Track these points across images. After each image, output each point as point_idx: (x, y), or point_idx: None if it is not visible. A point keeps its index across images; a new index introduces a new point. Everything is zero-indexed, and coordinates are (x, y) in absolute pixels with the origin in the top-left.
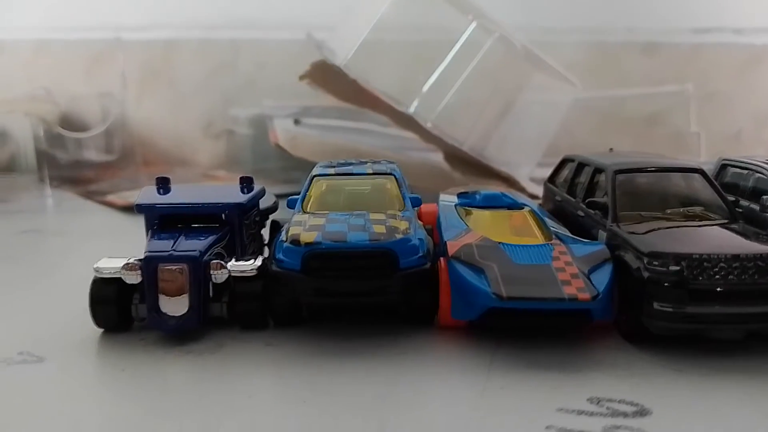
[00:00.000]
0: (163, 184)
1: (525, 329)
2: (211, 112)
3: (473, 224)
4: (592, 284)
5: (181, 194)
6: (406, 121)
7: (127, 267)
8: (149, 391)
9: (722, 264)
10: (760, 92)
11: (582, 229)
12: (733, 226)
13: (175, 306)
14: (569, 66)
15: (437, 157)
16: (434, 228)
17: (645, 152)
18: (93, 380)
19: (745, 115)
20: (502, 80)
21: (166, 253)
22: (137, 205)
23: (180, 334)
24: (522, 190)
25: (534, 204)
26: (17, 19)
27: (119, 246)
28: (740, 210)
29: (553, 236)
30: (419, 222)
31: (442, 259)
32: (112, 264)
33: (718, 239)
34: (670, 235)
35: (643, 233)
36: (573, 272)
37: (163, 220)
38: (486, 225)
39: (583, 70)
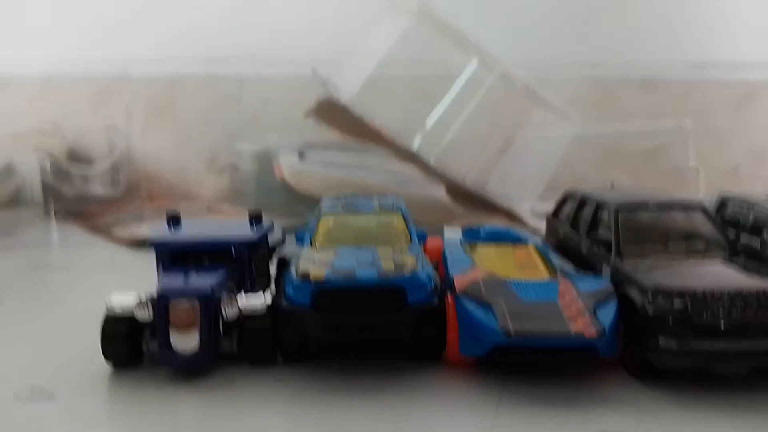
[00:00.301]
0: (174, 220)
1: (532, 365)
2: (216, 147)
3: (478, 259)
4: (598, 321)
5: (192, 229)
6: (410, 157)
7: (140, 305)
8: (160, 427)
9: (725, 300)
10: (756, 128)
11: (586, 264)
12: (735, 261)
13: (186, 342)
14: (569, 100)
15: (440, 192)
16: (439, 262)
17: (645, 187)
18: (103, 416)
19: (743, 150)
20: (503, 117)
21: (179, 289)
22: (150, 241)
23: (190, 370)
24: (524, 224)
25: (537, 239)
26: (24, 54)
27: (125, 280)
28: (741, 245)
29: (558, 272)
30: (426, 257)
31: (449, 295)
32: (124, 301)
33: (720, 275)
34: (674, 270)
35: (646, 269)
36: (579, 308)
37: (174, 256)
38: (491, 260)
39: (582, 104)
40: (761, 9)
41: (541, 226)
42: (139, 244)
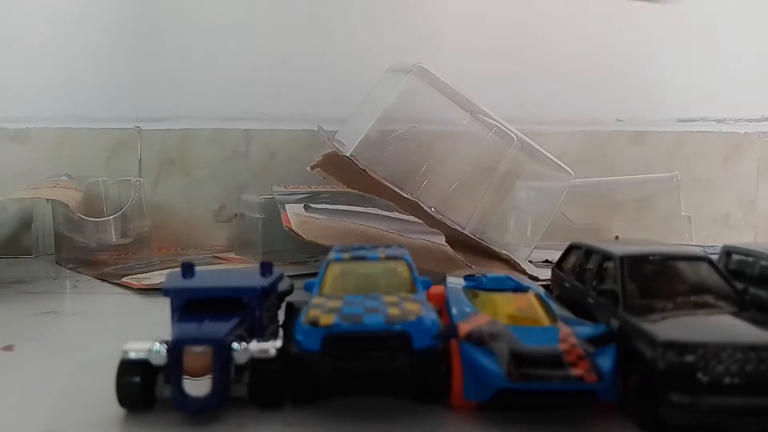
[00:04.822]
0: (188, 269)
1: (532, 410)
2: (224, 198)
3: (481, 306)
4: (598, 366)
5: (205, 279)
6: (411, 207)
7: (154, 350)
8: None
9: (738, 354)
10: (744, 178)
11: (593, 317)
12: (745, 314)
13: (199, 387)
14: (561, 153)
15: (440, 240)
16: (443, 309)
17: (649, 240)
18: None
19: (731, 199)
20: (500, 169)
21: (193, 336)
22: (164, 289)
23: (202, 415)
24: (522, 272)
25: (537, 287)
26: (43, 110)
27: (135, 325)
28: (749, 297)
29: (558, 318)
30: (430, 304)
31: (453, 340)
32: (139, 346)
33: (731, 328)
34: (684, 323)
35: (655, 322)
36: (579, 354)
37: (188, 304)
38: (493, 307)
39: (574, 157)
40: (743, 71)
41: (539, 273)
42: (148, 290)
